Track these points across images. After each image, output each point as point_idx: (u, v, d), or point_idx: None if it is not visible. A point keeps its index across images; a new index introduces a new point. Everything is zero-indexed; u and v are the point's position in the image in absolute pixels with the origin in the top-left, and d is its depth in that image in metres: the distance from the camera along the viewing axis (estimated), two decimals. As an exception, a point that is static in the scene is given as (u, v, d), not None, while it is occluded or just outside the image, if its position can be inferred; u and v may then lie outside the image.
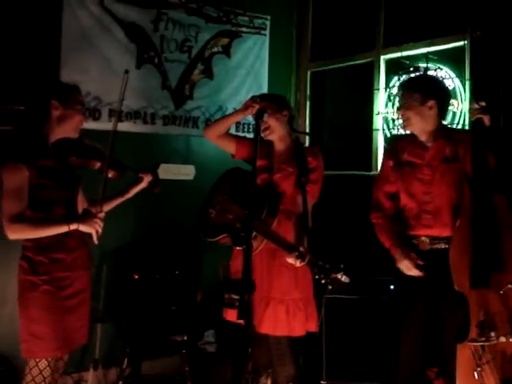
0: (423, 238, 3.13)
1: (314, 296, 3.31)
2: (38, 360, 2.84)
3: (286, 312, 3.19)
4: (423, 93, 3.10)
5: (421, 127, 3.16)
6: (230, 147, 3.49)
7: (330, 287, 2.75)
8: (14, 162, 2.76)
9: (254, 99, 3.26)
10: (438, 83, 3.35)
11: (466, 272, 2.90)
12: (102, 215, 2.90)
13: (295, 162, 3.26)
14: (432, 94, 3.11)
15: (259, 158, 3.29)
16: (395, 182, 3.26)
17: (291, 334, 3.23)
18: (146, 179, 3.19)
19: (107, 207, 3.16)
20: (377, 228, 3.32)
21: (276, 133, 3.37)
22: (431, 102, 3.09)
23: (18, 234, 2.78)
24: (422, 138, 3.19)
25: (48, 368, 2.85)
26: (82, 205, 3.11)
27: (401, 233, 3.20)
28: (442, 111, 3.18)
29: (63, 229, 2.81)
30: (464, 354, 2.91)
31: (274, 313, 3.19)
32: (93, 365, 4.04)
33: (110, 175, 3.00)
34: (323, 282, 2.77)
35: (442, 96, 3.17)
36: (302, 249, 2.94)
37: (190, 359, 3.92)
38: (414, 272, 3.08)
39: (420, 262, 3.07)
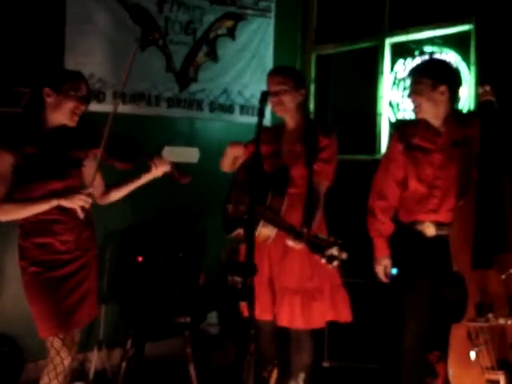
0: (428, 224, 3.12)
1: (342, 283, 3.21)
2: (51, 339, 2.87)
3: (301, 303, 3.08)
4: (434, 78, 3.03)
5: (433, 113, 3.10)
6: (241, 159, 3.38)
7: (330, 266, 2.54)
8: None
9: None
10: (448, 67, 3.26)
11: (467, 252, 2.90)
12: (89, 191, 2.87)
13: (304, 141, 3.10)
14: (443, 78, 3.04)
15: (267, 144, 3.20)
16: (404, 167, 3.20)
17: (308, 326, 3.14)
18: (158, 169, 3.05)
19: (118, 194, 3.19)
20: (373, 219, 3.30)
21: (289, 111, 3.21)
22: (443, 87, 3.03)
23: (4, 215, 2.84)
24: (435, 123, 3.13)
25: (64, 348, 2.87)
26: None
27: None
28: (454, 96, 3.13)
29: (44, 206, 2.81)
30: (458, 334, 2.93)
31: (290, 305, 3.08)
32: (97, 345, 4.07)
33: (118, 166, 2.97)
34: (323, 261, 2.56)
35: (453, 80, 3.11)
36: (299, 229, 2.75)
37: (192, 341, 3.94)
38: (382, 278, 3.31)
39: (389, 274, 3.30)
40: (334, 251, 2.53)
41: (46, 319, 2.86)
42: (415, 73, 3.22)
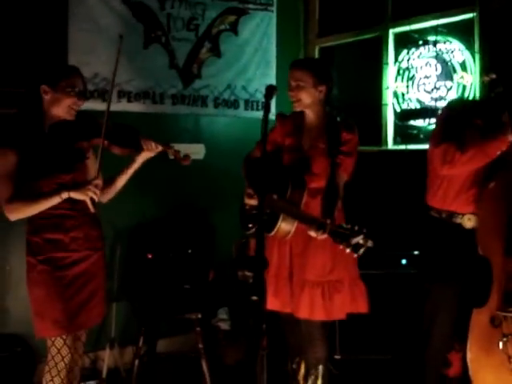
0: (469, 216, 3.02)
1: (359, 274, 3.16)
2: (53, 339, 2.88)
3: (321, 295, 3.04)
4: None
5: None
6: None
7: (355, 255, 2.53)
8: (1, 147, 2.82)
9: None
10: None
11: (497, 237, 2.80)
12: (96, 182, 2.86)
13: (326, 137, 3.07)
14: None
15: (288, 136, 3.21)
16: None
17: (329, 318, 3.11)
18: (149, 151, 3.07)
19: (120, 183, 3.16)
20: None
21: (307, 106, 3.16)
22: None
23: (15, 213, 2.84)
24: None
25: (65, 346, 2.89)
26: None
27: None
28: None
29: (55, 199, 2.81)
30: (480, 319, 2.87)
31: (310, 297, 3.05)
32: (109, 344, 4.09)
33: (120, 152, 3.02)
34: (348, 250, 2.55)
35: None
36: (322, 220, 2.72)
37: (204, 337, 3.95)
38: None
39: None
40: (360, 240, 2.53)
41: (49, 319, 2.87)
42: None
